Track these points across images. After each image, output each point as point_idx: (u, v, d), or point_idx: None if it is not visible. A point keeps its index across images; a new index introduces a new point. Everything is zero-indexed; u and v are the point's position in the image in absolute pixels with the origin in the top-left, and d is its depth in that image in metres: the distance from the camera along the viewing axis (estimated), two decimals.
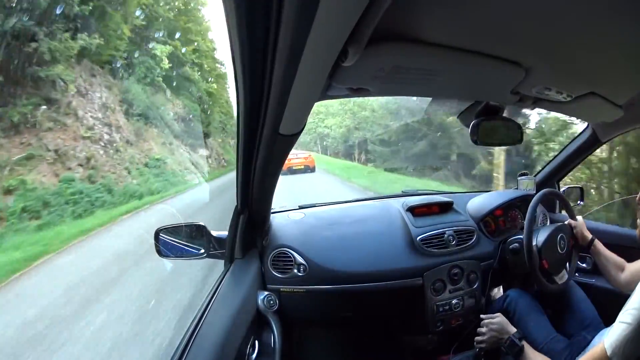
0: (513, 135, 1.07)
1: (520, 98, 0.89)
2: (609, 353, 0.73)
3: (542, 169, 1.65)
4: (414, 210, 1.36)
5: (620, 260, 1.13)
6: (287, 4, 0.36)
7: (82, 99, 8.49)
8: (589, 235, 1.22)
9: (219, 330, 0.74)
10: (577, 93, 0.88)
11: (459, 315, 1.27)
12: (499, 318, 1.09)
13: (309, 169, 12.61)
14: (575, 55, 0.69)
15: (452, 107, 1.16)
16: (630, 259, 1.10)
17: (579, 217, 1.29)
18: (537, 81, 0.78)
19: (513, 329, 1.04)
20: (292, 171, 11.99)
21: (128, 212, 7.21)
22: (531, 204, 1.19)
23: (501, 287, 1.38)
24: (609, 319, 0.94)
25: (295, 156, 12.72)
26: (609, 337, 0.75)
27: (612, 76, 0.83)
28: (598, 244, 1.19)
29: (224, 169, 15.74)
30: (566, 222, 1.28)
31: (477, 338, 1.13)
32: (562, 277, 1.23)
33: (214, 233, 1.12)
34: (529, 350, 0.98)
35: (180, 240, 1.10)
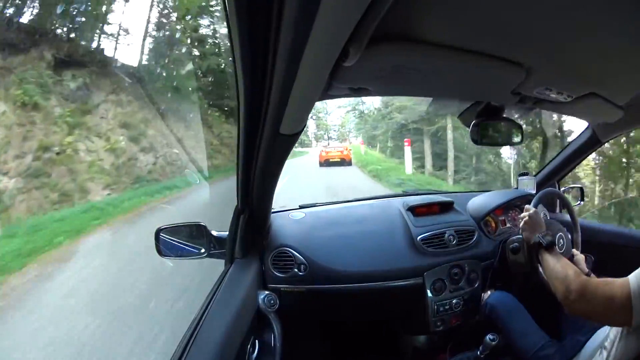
0: (514, 135, 1.07)
1: (520, 98, 0.89)
2: (631, 284, 0.70)
3: (543, 168, 1.65)
4: (414, 210, 1.36)
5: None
6: (288, 4, 0.36)
7: None
8: (585, 270, 1.15)
9: (219, 330, 0.74)
10: (577, 93, 0.88)
11: (459, 315, 1.27)
12: (532, 213, 1.08)
13: (345, 162, 12.39)
14: (576, 55, 0.69)
15: (454, 107, 1.16)
16: (628, 259, 1.09)
17: (579, 254, 1.22)
18: (538, 82, 0.78)
19: (542, 230, 1.03)
20: (328, 163, 12.19)
21: None
22: (531, 203, 1.19)
23: (489, 292, 1.37)
24: None
25: (333, 149, 13.29)
26: (635, 273, 0.71)
27: (612, 77, 0.83)
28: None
29: None
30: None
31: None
32: None
33: (215, 233, 1.12)
34: (548, 256, 0.95)
35: (180, 239, 1.10)
